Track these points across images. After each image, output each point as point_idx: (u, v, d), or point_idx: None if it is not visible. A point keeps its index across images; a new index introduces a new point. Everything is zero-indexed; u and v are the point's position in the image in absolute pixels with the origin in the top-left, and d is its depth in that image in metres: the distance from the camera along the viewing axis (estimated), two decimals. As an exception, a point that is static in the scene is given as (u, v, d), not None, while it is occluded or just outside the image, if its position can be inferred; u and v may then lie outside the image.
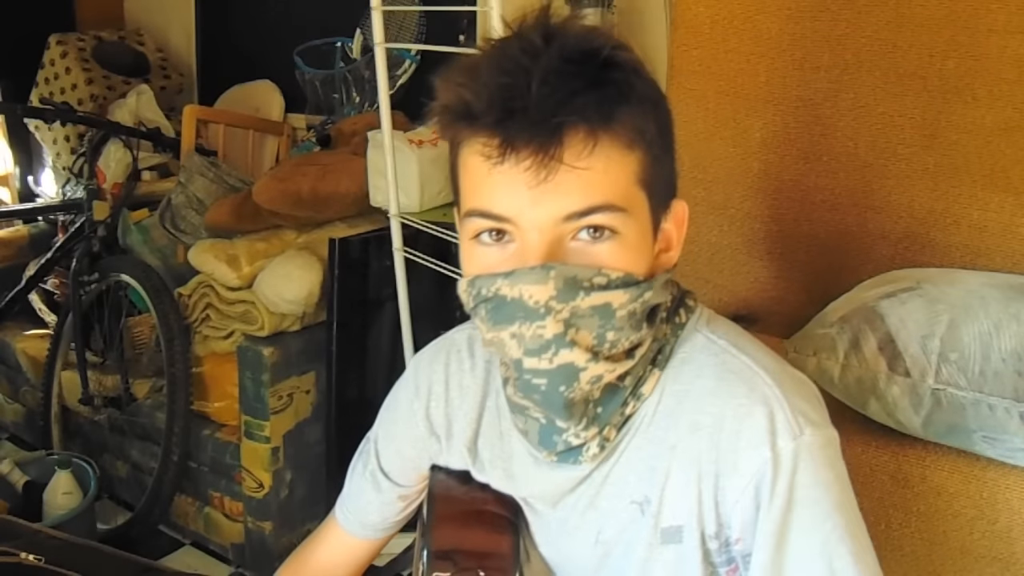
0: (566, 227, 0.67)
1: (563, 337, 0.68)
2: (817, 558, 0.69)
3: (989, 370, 0.99)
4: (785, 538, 0.70)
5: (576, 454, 0.77)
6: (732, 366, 0.74)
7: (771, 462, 0.69)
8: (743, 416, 0.71)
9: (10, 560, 1.04)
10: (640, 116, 0.68)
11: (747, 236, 1.39)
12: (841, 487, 0.71)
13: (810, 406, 0.73)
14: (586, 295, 0.67)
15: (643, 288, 0.70)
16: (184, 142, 2.43)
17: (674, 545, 0.76)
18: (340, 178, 2.06)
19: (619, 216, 0.67)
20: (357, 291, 2.04)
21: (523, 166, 0.65)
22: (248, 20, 2.87)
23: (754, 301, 1.40)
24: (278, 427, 1.99)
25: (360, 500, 0.96)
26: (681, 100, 1.43)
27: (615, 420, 0.76)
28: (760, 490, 0.70)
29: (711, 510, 0.73)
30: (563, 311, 0.67)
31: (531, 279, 0.66)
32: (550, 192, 0.65)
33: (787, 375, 0.75)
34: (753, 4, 1.33)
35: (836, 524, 0.69)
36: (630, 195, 0.68)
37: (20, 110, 2.46)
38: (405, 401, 0.92)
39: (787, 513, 0.70)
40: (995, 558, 1.03)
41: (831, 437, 0.73)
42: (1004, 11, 1.13)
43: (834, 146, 1.29)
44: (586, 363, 0.69)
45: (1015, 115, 1.13)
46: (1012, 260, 1.16)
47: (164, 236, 2.27)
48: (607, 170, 0.66)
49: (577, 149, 0.65)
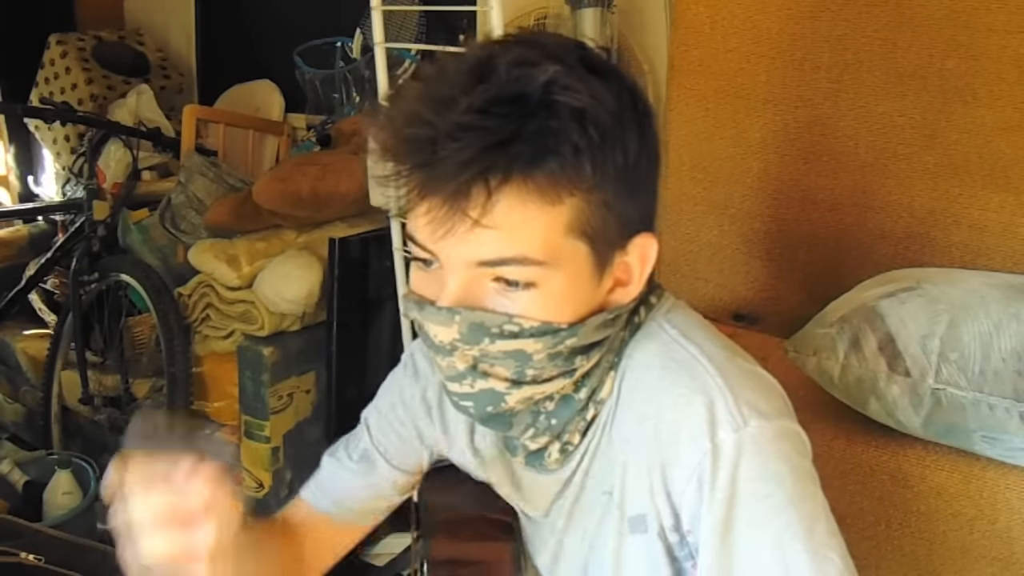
0: (481, 271, 0.66)
1: (475, 370, 0.69)
2: (769, 556, 0.65)
3: (989, 370, 0.99)
4: (730, 533, 0.67)
5: (539, 458, 0.78)
6: (676, 355, 0.73)
7: (710, 454, 0.67)
8: (683, 406, 0.69)
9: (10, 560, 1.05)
10: (572, 167, 0.63)
11: (747, 236, 1.39)
12: (796, 481, 0.67)
13: (760, 398, 0.70)
14: (492, 341, 0.67)
15: (564, 335, 0.68)
16: (184, 142, 2.43)
17: (641, 535, 0.75)
18: (340, 178, 2.06)
19: (536, 269, 0.65)
20: (357, 291, 2.04)
21: (431, 215, 0.64)
22: (248, 20, 2.87)
23: (754, 301, 1.40)
24: (278, 427, 1.99)
25: (340, 481, 0.93)
26: (681, 100, 1.43)
27: (577, 426, 0.76)
28: (702, 482, 0.68)
29: (664, 501, 0.72)
30: (471, 350, 0.67)
31: (436, 319, 0.67)
32: (460, 240, 0.64)
33: (735, 366, 0.72)
34: (753, 4, 1.33)
35: (790, 520, 0.65)
36: (554, 247, 0.65)
37: (20, 110, 2.46)
38: (404, 385, 0.91)
39: (730, 507, 0.67)
40: (995, 558, 1.03)
41: (786, 429, 0.70)
42: (1004, 11, 1.13)
43: (834, 146, 1.29)
44: (507, 389, 0.70)
45: (1015, 115, 1.13)
46: (1012, 260, 1.16)
47: (164, 236, 2.27)
48: (519, 226, 0.63)
49: (482, 206, 0.62)
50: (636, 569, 0.77)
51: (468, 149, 0.61)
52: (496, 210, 0.62)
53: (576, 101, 0.62)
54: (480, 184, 0.62)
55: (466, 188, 0.62)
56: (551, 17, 1.91)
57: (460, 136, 0.61)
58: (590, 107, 0.63)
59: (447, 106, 0.62)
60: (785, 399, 0.73)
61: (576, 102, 0.62)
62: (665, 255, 1.47)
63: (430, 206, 0.64)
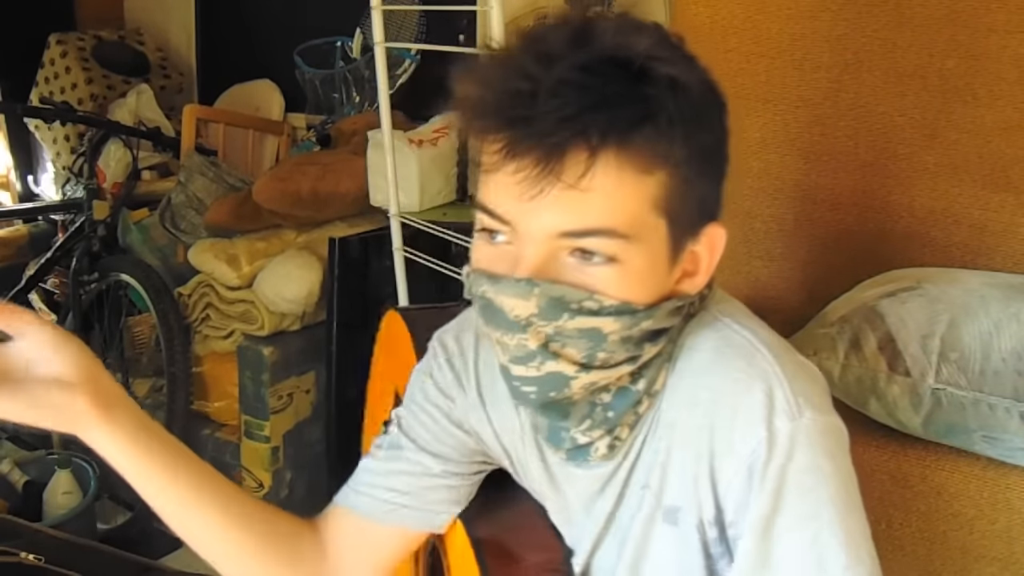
0: (561, 243, 0.64)
1: (546, 350, 0.66)
2: (808, 550, 0.65)
3: (989, 370, 0.99)
4: (773, 524, 0.66)
5: (584, 453, 0.74)
6: (732, 340, 0.71)
7: (766, 442, 0.65)
8: (740, 392, 0.67)
9: (10, 560, 1.05)
10: (666, 138, 0.62)
11: (747, 236, 1.39)
12: (841, 481, 0.66)
13: (813, 391, 0.68)
14: (571, 317, 0.64)
15: (640, 317, 0.66)
16: (184, 142, 2.43)
17: (670, 527, 0.73)
18: (340, 178, 2.06)
19: (620, 243, 0.63)
20: (357, 291, 2.04)
21: (520, 175, 0.61)
22: (248, 20, 2.87)
23: (754, 301, 1.40)
24: (278, 427, 1.99)
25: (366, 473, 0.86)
26: (681, 100, 1.43)
27: (628, 420, 0.73)
28: (753, 471, 0.66)
29: (708, 491, 0.70)
30: (546, 327, 0.65)
31: (513, 292, 0.64)
32: (546, 206, 0.62)
33: (790, 356, 0.70)
34: (753, 4, 1.33)
35: (831, 519, 0.65)
36: (640, 222, 0.64)
37: (20, 110, 2.46)
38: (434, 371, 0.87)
39: (777, 498, 0.65)
40: (995, 558, 1.03)
41: (835, 426, 0.69)
42: (1004, 11, 1.13)
43: (834, 146, 1.29)
44: (576, 372, 0.67)
45: (1015, 115, 1.13)
46: (1012, 260, 1.16)
47: (164, 236, 2.27)
48: (612, 194, 0.62)
49: (578, 169, 0.61)
50: (663, 562, 0.75)
51: (570, 106, 0.59)
52: (592, 173, 0.61)
53: (674, 71, 0.62)
54: (578, 144, 0.60)
55: (562, 148, 0.60)
56: (551, 17, 1.91)
57: (562, 92, 0.60)
58: (683, 79, 0.63)
59: (550, 62, 0.61)
60: (828, 392, 0.72)
61: (674, 72, 0.62)
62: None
63: (519, 166, 0.61)
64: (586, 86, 0.60)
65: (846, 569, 0.64)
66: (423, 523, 0.85)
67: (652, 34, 0.64)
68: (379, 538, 0.86)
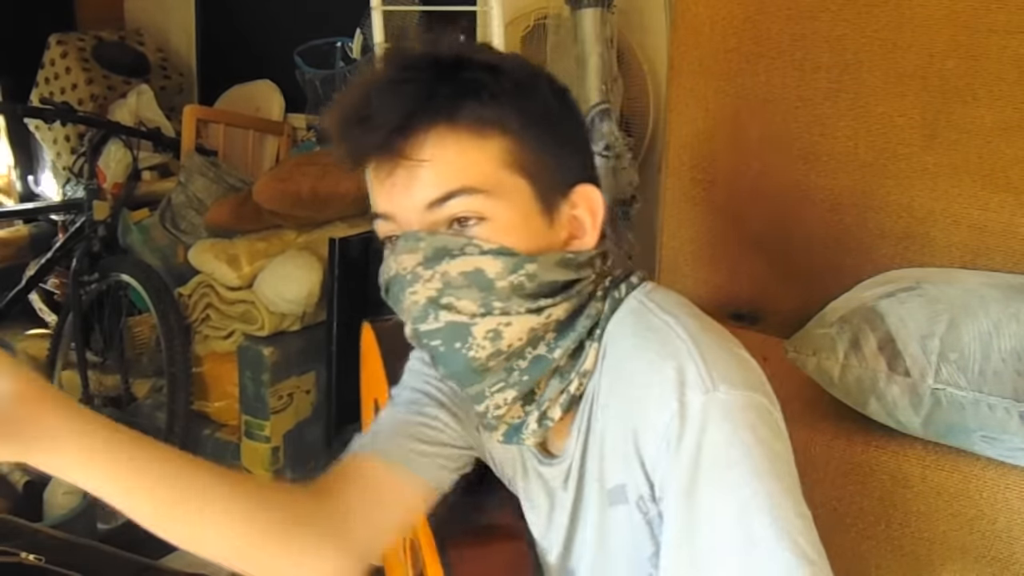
0: (436, 216, 0.71)
1: (437, 304, 0.71)
2: (734, 523, 0.64)
3: (989, 370, 0.99)
4: (694, 496, 0.65)
5: (517, 432, 0.76)
6: (651, 324, 0.74)
7: (678, 414, 0.66)
8: (654, 370, 0.70)
9: (10, 560, 1.05)
10: (492, 108, 0.71)
11: (747, 236, 1.39)
12: (765, 454, 0.65)
13: (732, 368, 0.69)
14: (451, 260, 0.71)
15: (522, 260, 0.72)
16: (184, 142, 2.43)
17: (622, 505, 0.74)
18: (340, 178, 2.06)
19: (481, 199, 0.71)
20: (357, 291, 2.04)
21: (384, 166, 0.72)
22: (248, 20, 2.87)
23: (754, 301, 1.40)
24: (278, 427, 1.99)
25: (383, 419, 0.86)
26: (681, 100, 1.43)
27: (557, 398, 0.76)
28: (669, 443, 0.67)
29: (638, 468, 0.71)
30: (432, 279, 0.71)
31: (403, 248, 0.72)
32: (409, 185, 0.71)
33: (708, 337, 0.72)
34: (753, 4, 1.33)
35: (756, 491, 0.64)
36: (495, 179, 0.72)
37: (20, 110, 2.46)
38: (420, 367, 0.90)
39: (695, 470, 0.65)
40: (995, 558, 1.03)
41: (756, 401, 0.68)
42: (1004, 11, 1.13)
43: (834, 146, 1.29)
44: (472, 318, 0.71)
45: (1015, 115, 1.13)
46: (1012, 260, 1.16)
47: (164, 236, 2.27)
48: (455, 159, 0.71)
49: (416, 145, 0.70)
50: (619, 540, 0.76)
51: (398, 97, 0.70)
52: (429, 144, 0.70)
53: (488, 59, 0.73)
54: (413, 127, 0.70)
55: (401, 133, 0.70)
56: (551, 17, 1.91)
57: (390, 89, 0.70)
58: (501, 63, 0.73)
59: (376, 76, 0.73)
60: (762, 378, 0.72)
61: (488, 59, 0.73)
62: (665, 255, 1.47)
63: (376, 163, 0.72)
64: (409, 80, 0.71)
65: (775, 540, 0.62)
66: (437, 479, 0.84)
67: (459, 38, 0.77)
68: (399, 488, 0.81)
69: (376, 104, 0.70)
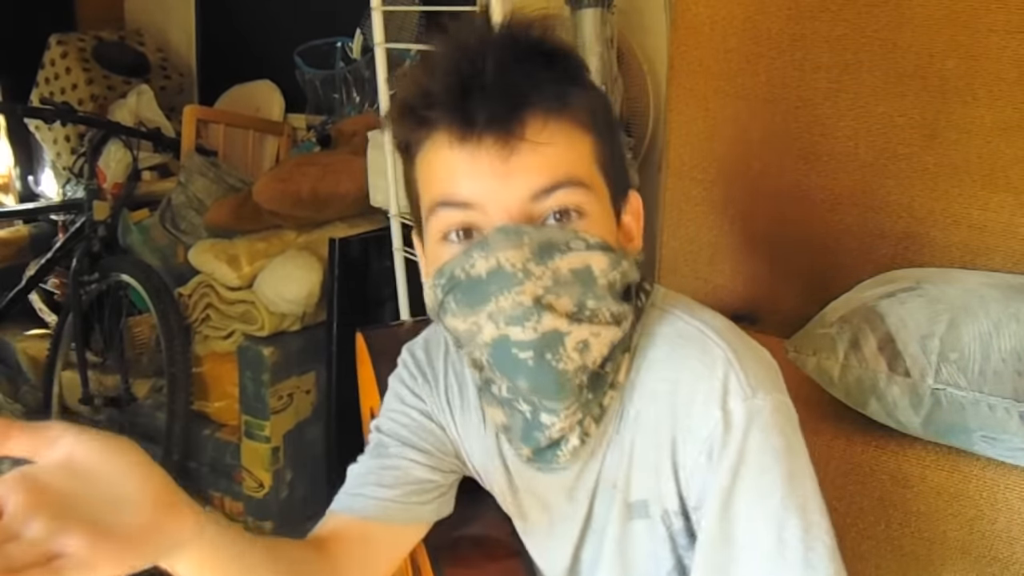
0: (534, 208, 0.67)
1: (540, 303, 0.65)
2: (766, 528, 0.67)
3: (989, 370, 0.99)
4: (732, 504, 0.68)
5: (553, 451, 0.73)
6: (685, 331, 0.74)
7: (722, 422, 0.68)
8: (696, 379, 0.70)
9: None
10: (591, 102, 0.70)
11: (747, 236, 1.39)
12: (792, 457, 0.69)
13: (763, 371, 0.71)
14: (563, 255, 0.66)
15: (620, 255, 0.70)
16: (184, 142, 2.43)
17: (643, 520, 0.75)
18: (340, 178, 2.06)
19: (584, 193, 0.68)
20: (357, 291, 2.04)
21: (485, 146, 0.65)
22: (248, 20, 2.87)
23: (754, 301, 1.40)
24: (278, 427, 1.99)
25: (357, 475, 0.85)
26: (681, 100, 1.43)
27: (594, 411, 0.73)
28: (712, 452, 0.69)
29: (670, 480, 0.72)
30: (543, 276, 0.65)
31: (506, 244, 0.65)
32: (514, 171, 0.65)
33: (740, 340, 0.74)
34: (753, 4, 1.33)
35: (786, 495, 0.67)
36: (591, 175, 0.69)
37: (20, 110, 2.46)
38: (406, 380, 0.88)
39: (735, 477, 0.68)
40: (995, 558, 1.03)
41: (783, 404, 0.71)
42: (1004, 11, 1.13)
43: (834, 146, 1.29)
44: (568, 327, 0.66)
45: (1015, 115, 1.13)
46: (1012, 260, 1.16)
47: (164, 236, 2.27)
48: (568, 147, 0.68)
49: (537, 126, 0.65)
50: (639, 554, 0.77)
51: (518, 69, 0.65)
52: (552, 128, 0.66)
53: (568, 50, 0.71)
54: (533, 105, 0.65)
55: (520, 109, 0.65)
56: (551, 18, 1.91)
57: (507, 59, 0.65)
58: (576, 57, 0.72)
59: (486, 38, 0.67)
60: (779, 372, 0.75)
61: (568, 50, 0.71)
62: (665, 255, 1.47)
63: (480, 139, 0.65)
64: (524, 53, 0.67)
65: (803, 542, 0.66)
66: (411, 516, 0.83)
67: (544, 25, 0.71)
68: (375, 537, 0.84)
69: (494, 74, 0.64)
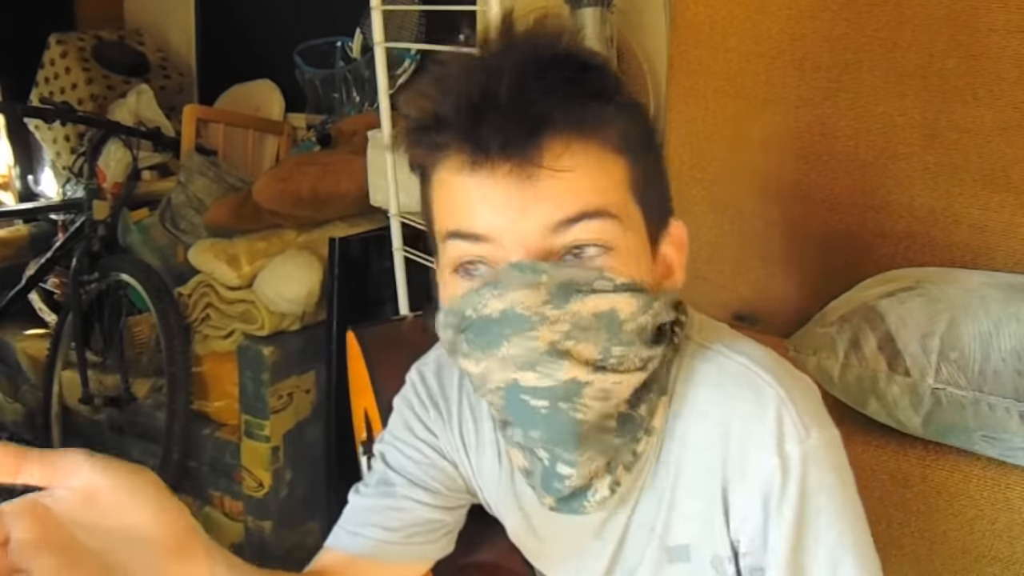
0: (554, 242, 0.60)
1: (556, 350, 0.59)
2: (825, 562, 0.66)
3: (989, 369, 0.99)
4: (800, 547, 0.66)
5: (580, 498, 0.67)
6: (730, 369, 0.69)
7: (779, 469, 0.65)
8: (748, 421, 0.66)
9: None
10: (624, 120, 0.62)
11: (747, 236, 1.39)
12: (844, 490, 0.68)
13: (812, 405, 0.68)
14: (584, 297, 0.59)
15: (651, 298, 0.62)
16: (184, 142, 2.43)
17: (683, 564, 0.72)
18: (340, 178, 2.06)
19: (612, 224, 0.61)
20: (357, 291, 2.04)
21: (500, 173, 0.58)
22: (248, 20, 2.87)
23: (754, 301, 1.40)
24: (278, 426, 1.99)
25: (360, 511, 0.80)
26: (681, 100, 1.43)
27: (626, 459, 0.68)
28: (768, 499, 0.66)
29: (722, 527, 0.69)
30: (561, 317, 0.59)
31: (520, 283, 0.58)
32: (533, 201, 0.59)
33: (787, 373, 0.69)
34: (753, 4, 1.33)
35: (841, 531, 0.66)
36: (624, 203, 0.62)
37: (20, 110, 2.46)
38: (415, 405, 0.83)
39: (800, 523, 0.66)
40: (995, 558, 1.03)
41: (834, 437, 0.69)
42: (1004, 11, 1.13)
43: (834, 146, 1.28)
44: (589, 376, 0.60)
45: (1015, 115, 1.13)
46: (1012, 259, 1.16)
47: (164, 235, 2.27)
48: (595, 172, 0.60)
49: (557, 150, 0.58)
50: None
51: (538, 87, 0.58)
52: (573, 152, 0.59)
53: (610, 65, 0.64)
54: (551, 128, 0.58)
55: (537, 133, 0.58)
56: (551, 17, 1.91)
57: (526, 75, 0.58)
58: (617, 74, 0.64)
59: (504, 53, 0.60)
60: (820, 397, 0.71)
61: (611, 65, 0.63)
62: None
63: (494, 166, 0.58)
64: (547, 69, 0.59)
65: (857, 569, 0.66)
66: (415, 556, 0.80)
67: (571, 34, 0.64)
68: None
69: (510, 92, 0.57)
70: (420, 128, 0.62)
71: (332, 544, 0.79)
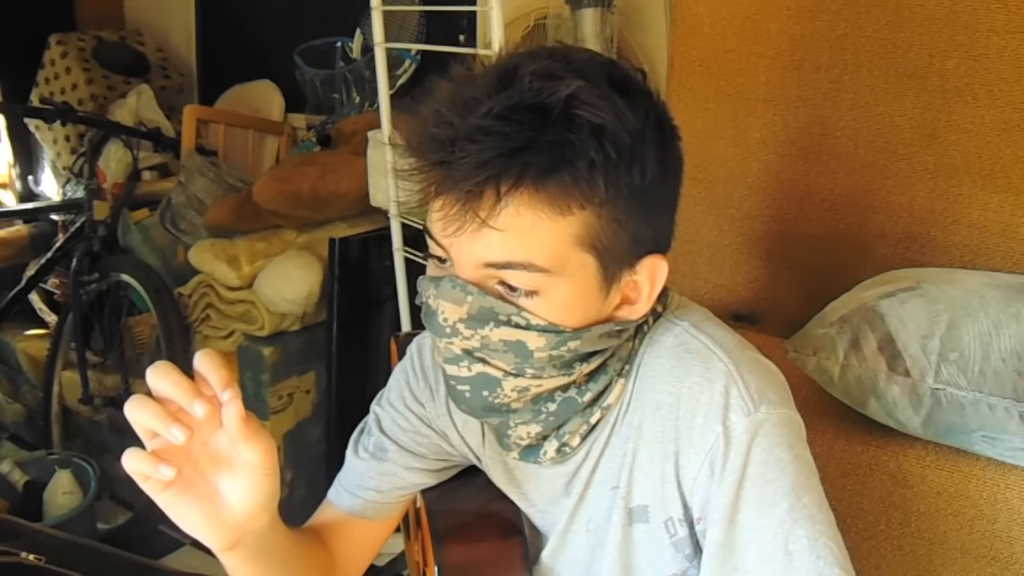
0: (488, 272, 0.68)
1: (472, 356, 0.70)
2: (772, 538, 0.68)
3: (989, 370, 0.99)
4: (737, 514, 0.69)
5: (534, 454, 0.79)
6: (690, 345, 0.75)
7: (723, 436, 0.70)
8: (698, 393, 0.72)
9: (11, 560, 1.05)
10: (586, 181, 0.64)
11: (747, 236, 1.39)
12: (799, 469, 0.70)
13: (769, 386, 0.73)
14: (496, 327, 0.68)
15: (567, 337, 0.69)
16: (184, 142, 2.44)
17: (642, 525, 0.77)
18: (340, 178, 2.06)
19: (540, 277, 0.66)
20: (357, 291, 2.04)
21: (444, 211, 0.66)
22: (248, 20, 2.87)
23: (754, 301, 1.40)
24: (278, 427, 1.99)
25: (357, 474, 0.92)
26: (681, 100, 1.43)
27: (578, 429, 0.77)
28: (713, 465, 0.71)
29: (674, 491, 0.74)
30: (471, 337, 0.69)
31: (450, 295, 0.68)
32: (471, 238, 0.66)
33: (746, 355, 0.75)
34: (753, 4, 1.33)
35: (792, 506, 0.68)
36: (562, 257, 0.66)
37: (20, 110, 2.47)
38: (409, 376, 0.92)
39: (739, 489, 0.69)
40: (995, 558, 1.03)
41: (790, 418, 0.73)
42: (1004, 11, 1.13)
43: (834, 146, 1.28)
44: (504, 377, 0.71)
45: (1015, 115, 1.13)
46: (1012, 260, 1.16)
47: (164, 236, 2.27)
48: (527, 233, 0.65)
49: (492, 205, 0.64)
50: (641, 558, 0.79)
51: (484, 152, 0.62)
52: (504, 213, 0.64)
53: (596, 118, 0.63)
54: (491, 187, 0.64)
55: (478, 190, 0.64)
56: (551, 17, 1.91)
57: (478, 139, 0.63)
58: (610, 124, 0.63)
59: (469, 109, 0.64)
60: (787, 388, 0.76)
61: (596, 119, 0.63)
62: (665, 255, 1.46)
63: (444, 203, 0.66)
64: (501, 132, 0.62)
65: (810, 552, 0.67)
66: (401, 511, 0.95)
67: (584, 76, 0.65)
68: (370, 531, 0.94)
69: (460, 152, 0.63)
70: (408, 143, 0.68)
71: (333, 500, 0.93)
